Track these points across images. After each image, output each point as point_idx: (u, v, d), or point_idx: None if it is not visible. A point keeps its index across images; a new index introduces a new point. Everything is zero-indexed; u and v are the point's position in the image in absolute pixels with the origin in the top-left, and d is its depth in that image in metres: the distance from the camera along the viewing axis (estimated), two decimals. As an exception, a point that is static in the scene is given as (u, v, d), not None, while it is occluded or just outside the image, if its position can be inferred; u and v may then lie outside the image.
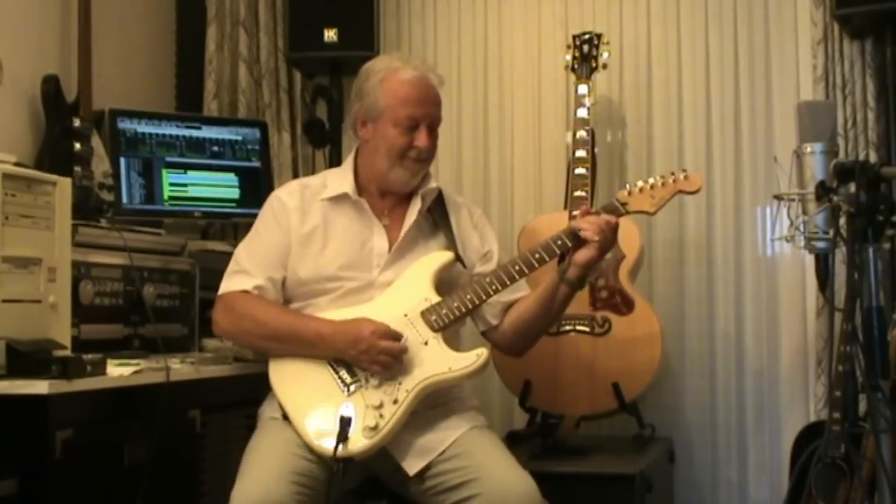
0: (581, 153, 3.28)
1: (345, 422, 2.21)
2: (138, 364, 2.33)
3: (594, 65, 3.40)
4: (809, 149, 2.99)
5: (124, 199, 3.25)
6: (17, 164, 2.41)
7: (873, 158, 3.30)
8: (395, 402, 2.27)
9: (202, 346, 2.86)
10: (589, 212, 2.45)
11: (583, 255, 2.39)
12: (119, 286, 2.68)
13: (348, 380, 2.32)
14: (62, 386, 2.03)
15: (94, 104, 3.14)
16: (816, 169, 2.95)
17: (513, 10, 3.88)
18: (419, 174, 2.48)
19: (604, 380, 3.09)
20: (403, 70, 2.44)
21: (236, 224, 3.61)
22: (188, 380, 2.44)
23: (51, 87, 3.03)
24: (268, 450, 2.28)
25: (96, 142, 3.07)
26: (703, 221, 3.68)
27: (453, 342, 2.41)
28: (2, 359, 2.08)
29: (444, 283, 2.44)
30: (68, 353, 2.21)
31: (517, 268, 2.42)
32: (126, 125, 3.32)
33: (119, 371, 2.26)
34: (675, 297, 3.68)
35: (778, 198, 3.08)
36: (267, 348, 2.43)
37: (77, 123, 3.00)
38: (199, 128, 3.49)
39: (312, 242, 2.46)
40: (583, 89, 3.37)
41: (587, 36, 3.43)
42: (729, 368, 3.64)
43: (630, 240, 3.12)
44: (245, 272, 2.45)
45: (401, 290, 2.41)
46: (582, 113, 3.33)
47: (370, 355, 2.28)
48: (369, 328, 2.29)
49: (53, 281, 2.27)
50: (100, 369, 2.17)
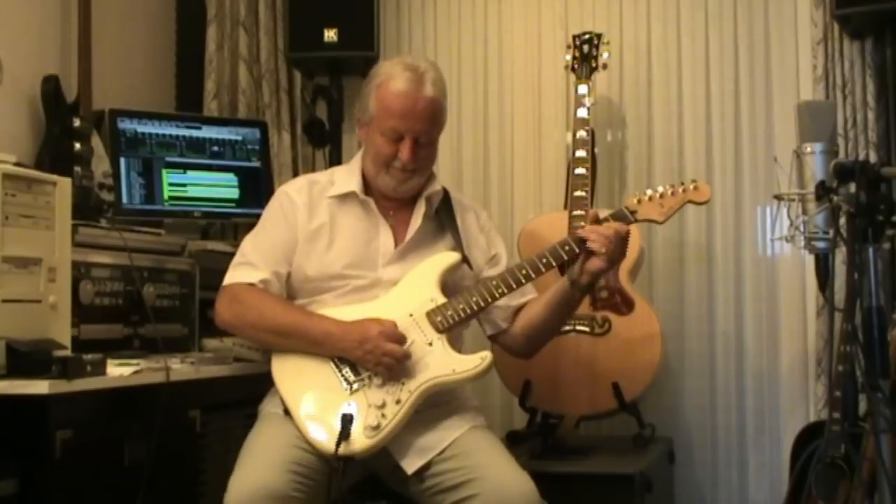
0: (581, 153, 3.28)
1: (347, 420, 2.21)
2: (138, 364, 2.33)
3: (594, 65, 3.40)
4: (809, 149, 3.00)
5: (124, 199, 3.25)
6: (17, 164, 2.40)
7: (873, 158, 3.30)
8: (398, 403, 2.27)
9: (202, 346, 2.85)
10: (597, 219, 2.44)
11: (593, 265, 2.39)
12: (119, 286, 2.67)
13: (352, 378, 2.32)
14: (62, 386, 2.03)
15: (94, 104, 3.14)
16: (816, 169, 2.96)
17: (513, 10, 3.88)
18: (407, 183, 2.46)
19: (604, 380, 3.09)
20: (397, 80, 2.40)
21: (236, 224, 3.61)
22: (188, 380, 2.44)
23: (51, 87, 3.03)
24: (267, 441, 2.28)
25: (96, 142, 3.07)
26: (703, 221, 3.68)
27: (456, 344, 2.41)
28: (2, 359, 2.07)
29: (450, 285, 2.43)
30: (68, 353, 2.21)
31: (524, 272, 2.41)
32: (126, 125, 3.32)
33: (119, 371, 2.26)
34: (675, 297, 3.68)
35: (778, 198, 3.08)
36: (269, 342, 2.42)
37: (77, 123, 3.00)
38: (199, 128, 3.49)
39: (319, 240, 2.46)
40: (583, 89, 3.37)
41: (587, 36, 3.43)
42: (729, 368, 3.64)
43: (630, 240, 3.10)
44: (251, 264, 2.45)
45: (407, 290, 2.41)
46: (582, 113, 3.34)
47: (375, 356, 2.28)
48: (377, 329, 2.29)
49: (53, 281, 2.26)
50: (100, 369, 2.17)
